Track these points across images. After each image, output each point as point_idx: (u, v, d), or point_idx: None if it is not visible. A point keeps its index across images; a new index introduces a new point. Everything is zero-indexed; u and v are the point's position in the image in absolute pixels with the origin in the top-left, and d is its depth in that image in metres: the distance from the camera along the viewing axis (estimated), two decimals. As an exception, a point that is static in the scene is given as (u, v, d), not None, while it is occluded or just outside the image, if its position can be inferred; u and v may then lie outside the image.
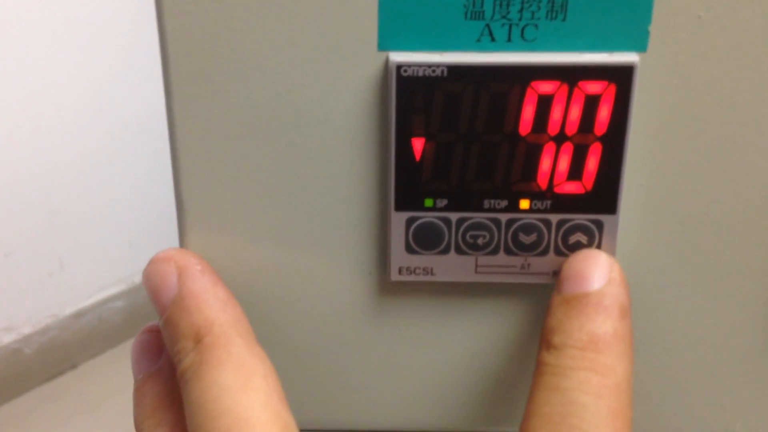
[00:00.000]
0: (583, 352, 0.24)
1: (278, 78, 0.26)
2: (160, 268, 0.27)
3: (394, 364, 0.30)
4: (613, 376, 0.24)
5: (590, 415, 0.23)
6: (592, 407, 0.23)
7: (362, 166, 0.27)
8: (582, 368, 0.24)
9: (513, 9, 0.25)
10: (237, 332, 0.25)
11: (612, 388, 0.24)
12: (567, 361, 0.24)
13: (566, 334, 0.25)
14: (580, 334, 0.25)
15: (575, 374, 0.24)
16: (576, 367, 0.24)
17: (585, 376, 0.24)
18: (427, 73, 0.25)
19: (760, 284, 0.28)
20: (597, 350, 0.24)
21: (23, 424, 1.36)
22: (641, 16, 0.24)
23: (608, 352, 0.24)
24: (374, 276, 0.28)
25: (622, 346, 0.24)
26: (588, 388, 0.24)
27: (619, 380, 0.24)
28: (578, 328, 0.25)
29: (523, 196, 0.26)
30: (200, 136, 0.27)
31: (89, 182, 1.44)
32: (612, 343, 0.24)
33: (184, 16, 0.25)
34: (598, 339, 0.24)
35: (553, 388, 0.24)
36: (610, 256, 0.26)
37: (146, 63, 1.27)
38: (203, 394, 0.24)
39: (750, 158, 0.26)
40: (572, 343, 0.25)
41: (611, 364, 0.24)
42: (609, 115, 0.25)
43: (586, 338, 0.24)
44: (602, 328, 0.24)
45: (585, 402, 0.23)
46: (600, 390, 0.24)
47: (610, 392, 0.24)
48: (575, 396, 0.23)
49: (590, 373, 0.24)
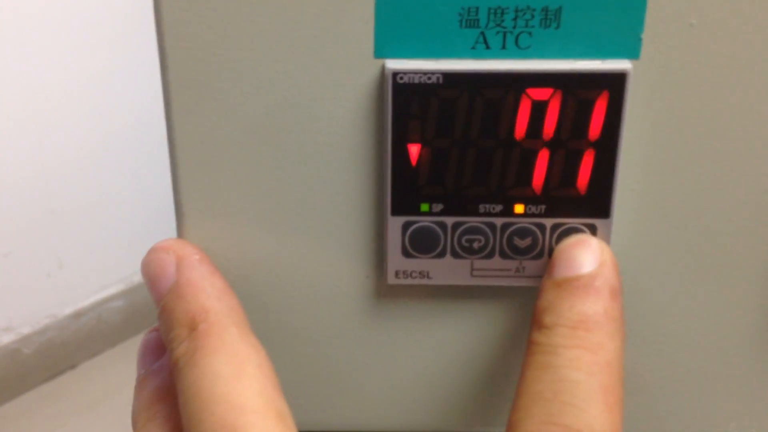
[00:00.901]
0: (574, 331, 0.24)
1: (276, 85, 0.26)
2: (159, 257, 0.27)
3: (390, 366, 0.30)
4: (603, 353, 0.24)
5: (582, 391, 0.23)
6: (583, 383, 0.23)
7: (359, 172, 0.27)
8: (573, 346, 0.24)
9: (507, 17, 0.25)
10: (232, 321, 0.25)
11: (603, 365, 0.24)
12: (558, 339, 0.25)
13: (557, 313, 0.25)
14: (570, 314, 0.25)
15: (566, 352, 0.24)
16: (567, 345, 0.24)
17: (576, 354, 0.24)
18: (422, 80, 0.25)
19: (752, 285, 0.28)
20: (587, 329, 0.24)
21: (22, 424, 1.37)
22: (634, 23, 0.25)
23: (599, 330, 0.24)
24: (371, 279, 0.29)
25: (612, 326, 0.25)
26: (579, 365, 0.24)
27: (610, 358, 0.24)
28: (569, 308, 0.25)
29: (517, 200, 0.27)
30: (198, 139, 0.27)
31: (88, 182, 1.44)
32: (603, 323, 0.25)
33: (182, 23, 0.25)
34: (589, 318, 0.25)
35: (544, 366, 0.24)
36: (600, 241, 0.27)
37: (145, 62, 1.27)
38: (197, 381, 0.24)
39: (741, 163, 0.27)
40: (563, 322, 0.25)
41: (602, 342, 0.24)
42: (602, 121, 0.25)
43: (576, 318, 0.25)
44: (593, 308, 0.25)
45: (576, 378, 0.24)
46: (591, 367, 0.24)
47: (602, 369, 0.24)
48: (567, 373, 0.24)
49: (581, 350, 0.24)
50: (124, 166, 1.48)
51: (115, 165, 1.47)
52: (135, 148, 1.47)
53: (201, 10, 0.25)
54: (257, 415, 0.23)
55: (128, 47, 1.39)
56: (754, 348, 0.29)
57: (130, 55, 1.39)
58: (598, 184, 0.26)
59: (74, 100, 1.39)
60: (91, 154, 1.43)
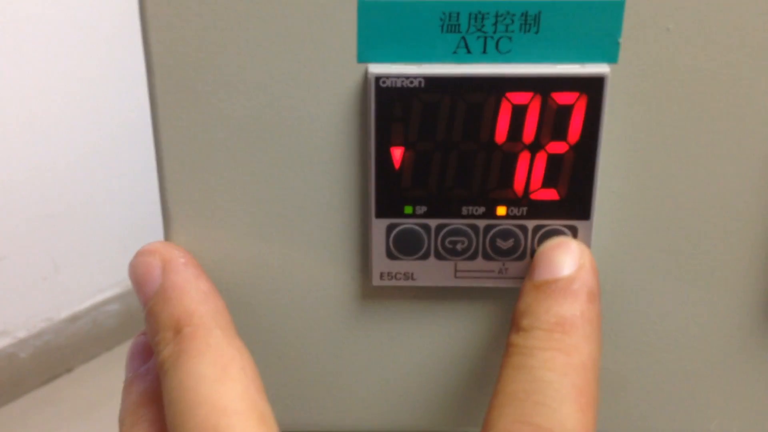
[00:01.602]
0: (550, 334, 0.25)
1: (261, 89, 0.27)
2: (145, 261, 0.27)
3: (376, 367, 0.30)
4: (578, 355, 0.24)
5: (554, 391, 0.24)
6: (556, 384, 0.24)
7: (343, 174, 0.28)
8: (548, 348, 0.25)
9: (488, 22, 0.25)
10: (216, 324, 0.25)
11: (577, 366, 0.24)
12: (534, 341, 0.25)
13: (534, 316, 0.25)
14: (547, 317, 0.25)
15: (541, 354, 0.25)
16: (543, 347, 0.25)
17: (551, 356, 0.24)
18: (405, 84, 0.26)
19: (731, 286, 0.29)
20: (563, 331, 0.25)
21: (18, 428, 1.37)
22: (612, 28, 0.25)
23: (574, 333, 0.25)
24: (356, 281, 0.29)
25: (588, 329, 0.25)
26: (553, 366, 0.24)
27: (585, 360, 0.24)
28: (546, 310, 0.25)
29: (499, 202, 0.27)
30: (184, 143, 0.27)
31: (83, 185, 1.45)
32: (579, 325, 0.25)
33: (167, 28, 0.26)
34: (565, 321, 0.25)
35: (519, 366, 0.25)
36: (580, 243, 0.27)
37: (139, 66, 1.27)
38: (181, 383, 0.24)
39: (719, 164, 0.27)
40: (540, 325, 0.25)
41: (577, 345, 0.25)
42: (581, 125, 0.26)
43: (553, 320, 0.25)
44: (570, 310, 0.25)
45: (550, 379, 0.24)
46: (565, 368, 0.24)
47: (575, 370, 0.24)
48: (540, 374, 0.24)
49: (556, 352, 0.24)
50: (120, 169, 1.48)
51: (110, 168, 1.47)
52: (130, 152, 1.47)
53: (186, 15, 0.26)
54: (239, 416, 0.23)
55: (123, 50, 1.39)
56: (734, 347, 0.30)
57: (125, 58, 1.39)
58: (579, 186, 0.27)
59: (69, 104, 1.39)
60: (86, 157, 1.44)
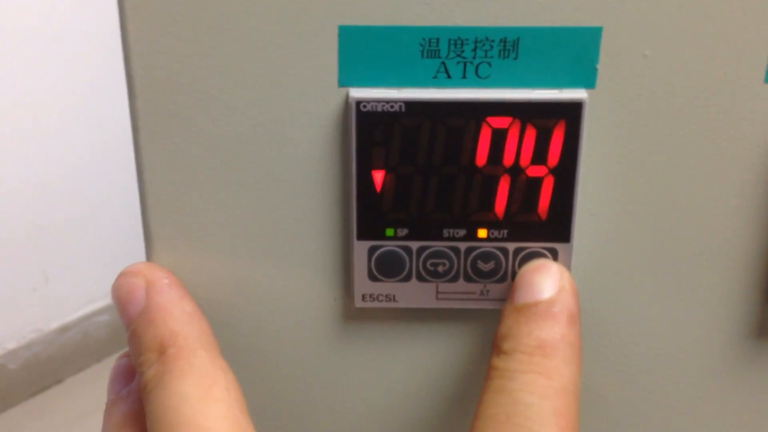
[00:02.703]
0: (531, 357, 0.25)
1: (243, 113, 0.27)
2: (128, 282, 0.27)
3: (358, 387, 0.30)
4: (559, 378, 0.25)
5: (534, 414, 0.24)
6: (536, 406, 0.24)
7: (325, 197, 0.28)
8: (529, 371, 0.25)
9: (467, 48, 0.26)
10: (201, 344, 0.26)
11: (558, 389, 0.24)
12: (515, 365, 0.25)
13: (516, 339, 0.26)
14: (528, 340, 0.25)
15: (522, 377, 0.25)
16: (523, 370, 0.25)
17: (531, 378, 0.25)
18: (385, 108, 0.26)
19: (712, 306, 0.29)
20: (544, 354, 0.25)
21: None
22: (589, 54, 0.26)
23: (555, 356, 0.25)
24: (338, 302, 0.29)
25: (569, 351, 0.25)
26: (534, 389, 0.24)
27: (565, 383, 0.25)
28: (527, 334, 0.26)
29: (480, 225, 0.27)
30: (166, 166, 0.27)
31: (73, 196, 1.44)
32: (559, 348, 0.25)
33: (150, 54, 0.26)
34: (546, 344, 0.25)
35: (500, 389, 0.25)
36: (560, 266, 0.27)
37: (130, 78, 1.27)
38: (164, 403, 0.24)
39: (696, 187, 0.27)
40: (521, 348, 0.25)
41: (558, 368, 0.25)
42: (560, 149, 0.26)
43: (534, 343, 0.25)
44: (550, 333, 0.25)
45: (530, 402, 0.24)
46: (545, 391, 0.24)
47: (556, 393, 0.24)
48: (521, 396, 0.24)
49: (537, 375, 0.25)
50: (110, 180, 1.48)
51: (101, 179, 1.47)
52: (121, 163, 1.47)
53: (168, 40, 0.26)
54: None
55: (116, 63, 1.39)
56: (716, 366, 0.30)
57: (118, 70, 1.39)
58: (558, 209, 0.27)
59: (60, 116, 1.39)
60: (77, 168, 1.43)
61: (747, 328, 0.29)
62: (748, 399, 0.30)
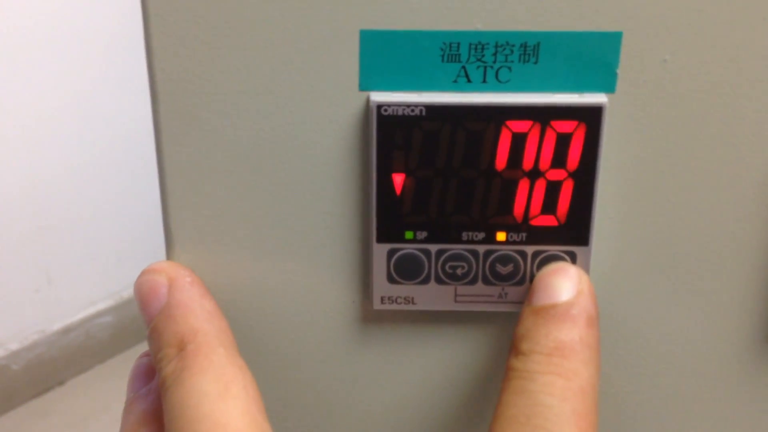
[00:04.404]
0: (550, 358, 0.25)
1: (264, 116, 0.27)
2: (151, 279, 0.27)
3: (376, 389, 0.30)
4: (577, 380, 0.25)
5: (554, 415, 0.24)
6: (556, 408, 0.24)
7: (345, 200, 0.28)
8: (548, 372, 0.25)
9: (487, 52, 0.26)
10: (220, 342, 0.26)
11: (576, 391, 0.25)
12: (534, 365, 0.25)
13: (534, 341, 0.26)
14: (547, 341, 0.25)
15: (541, 378, 0.25)
16: (542, 371, 0.25)
17: (550, 380, 0.25)
18: (406, 112, 0.26)
19: (730, 310, 0.29)
20: (563, 356, 0.25)
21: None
22: (610, 59, 0.26)
23: (574, 357, 0.25)
24: (357, 304, 0.29)
25: (587, 353, 0.25)
26: (553, 391, 0.24)
27: (584, 384, 0.25)
28: (545, 335, 0.26)
29: (499, 228, 0.27)
30: (188, 168, 0.28)
31: (76, 197, 1.44)
32: (578, 350, 0.25)
33: (172, 58, 0.26)
34: (564, 345, 0.25)
35: (519, 391, 0.25)
36: (579, 269, 0.27)
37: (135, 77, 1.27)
38: (183, 399, 0.24)
39: (714, 191, 0.27)
40: (539, 349, 0.25)
41: (576, 369, 0.25)
42: (580, 153, 0.26)
43: (552, 345, 0.25)
44: (569, 335, 0.25)
45: (550, 403, 0.24)
46: (564, 392, 0.24)
47: (575, 395, 0.24)
48: (540, 398, 0.24)
49: (555, 377, 0.25)
50: (114, 181, 1.48)
51: (104, 180, 1.47)
52: (124, 164, 1.47)
53: (191, 43, 0.26)
54: None
55: (120, 63, 1.40)
56: (734, 370, 0.30)
57: (121, 69, 1.39)
58: (577, 213, 0.27)
59: (63, 116, 1.39)
60: (80, 169, 1.43)
61: (764, 332, 0.29)
62: (763, 403, 0.30)
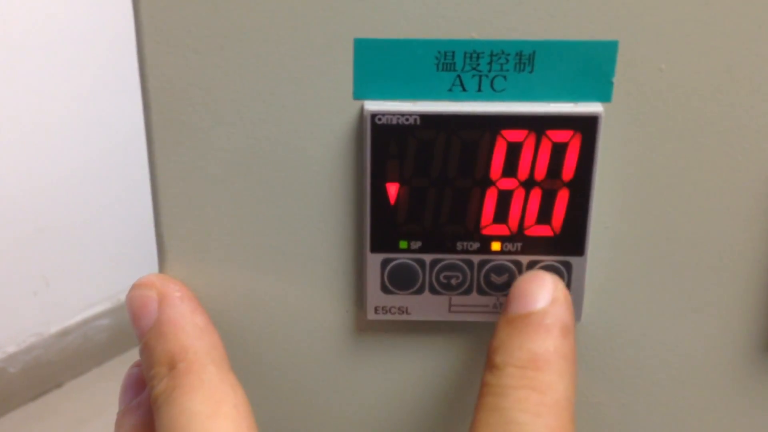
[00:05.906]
0: (523, 371, 0.24)
1: (257, 125, 0.27)
2: (141, 294, 0.27)
3: (370, 400, 0.30)
4: (552, 393, 0.24)
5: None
6: (529, 425, 0.23)
7: (339, 209, 0.28)
8: (521, 387, 0.24)
9: (483, 61, 0.26)
10: (211, 359, 0.26)
11: (551, 405, 0.24)
12: (507, 380, 0.24)
13: (507, 353, 0.25)
14: (520, 353, 0.25)
15: (514, 393, 0.24)
16: (515, 385, 0.24)
17: (524, 395, 0.24)
18: (400, 121, 0.26)
19: (725, 321, 0.29)
20: (537, 368, 0.24)
21: (7, 444, 1.36)
22: (605, 68, 0.26)
23: (548, 369, 0.24)
24: (351, 314, 0.29)
25: (562, 364, 0.25)
26: (526, 407, 0.24)
27: (559, 398, 0.24)
28: (518, 346, 0.25)
29: (494, 238, 0.27)
30: (180, 178, 0.27)
31: (74, 200, 1.44)
32: (552, 361, 0.24)
33: (165, 67, 0.26)
34: (538, 357, 0.24)
35: (493, 408, 0.24)
36: (555, 276, 0.27)
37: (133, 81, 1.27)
38: (173, 419, 0.24)
39: (710, 201, 0.27)
40: (513, 362, 0.25)
41: (551, 382, 0.24)
42: (575, 162, 0.26)
43: (526, 357, 0.24)
44: (542, 346, 0.25)
45: (523, 421, 0.23)
46: (538, 408, 0.24)
47: (549, 410, 0.24)
48: (514, 415, 0.24)
49: (529, 391, 0.24)
50: (111, 184, 1.48)
51: (101, 183, 1.47)
52: (122, 167, 1.47)
53: (184, 52, 0.26)
54: None
55: (117, 66, 1.39)
56: (729, 382, 0.30)
57: (118, 75, 1.39)
58: (573, 222, 0.27)
59: (61, 119, 1.39)
60: (77, 172, 1.43)
61: (761, 341, 0.29)
62: (761, 413, 0.30)
